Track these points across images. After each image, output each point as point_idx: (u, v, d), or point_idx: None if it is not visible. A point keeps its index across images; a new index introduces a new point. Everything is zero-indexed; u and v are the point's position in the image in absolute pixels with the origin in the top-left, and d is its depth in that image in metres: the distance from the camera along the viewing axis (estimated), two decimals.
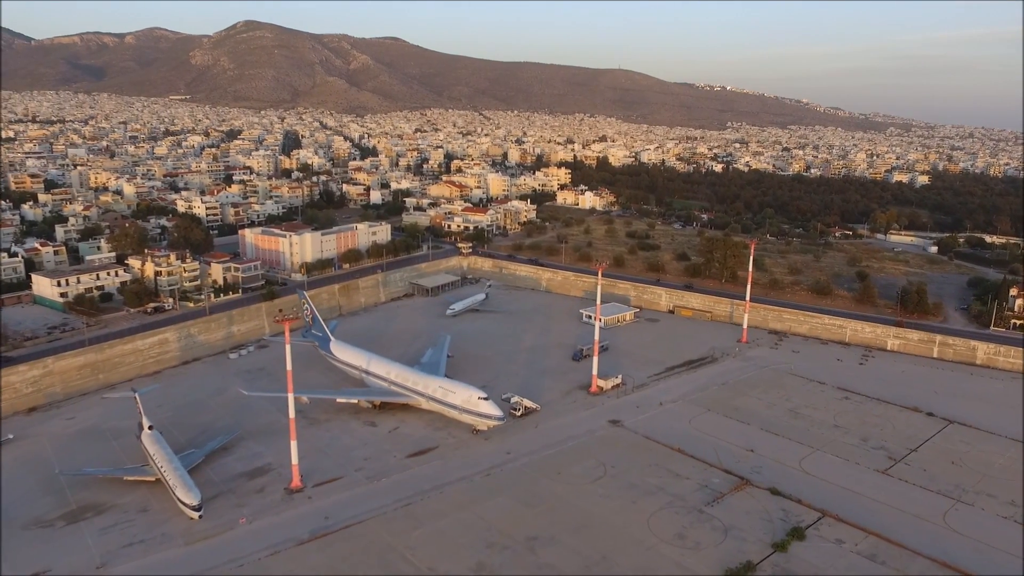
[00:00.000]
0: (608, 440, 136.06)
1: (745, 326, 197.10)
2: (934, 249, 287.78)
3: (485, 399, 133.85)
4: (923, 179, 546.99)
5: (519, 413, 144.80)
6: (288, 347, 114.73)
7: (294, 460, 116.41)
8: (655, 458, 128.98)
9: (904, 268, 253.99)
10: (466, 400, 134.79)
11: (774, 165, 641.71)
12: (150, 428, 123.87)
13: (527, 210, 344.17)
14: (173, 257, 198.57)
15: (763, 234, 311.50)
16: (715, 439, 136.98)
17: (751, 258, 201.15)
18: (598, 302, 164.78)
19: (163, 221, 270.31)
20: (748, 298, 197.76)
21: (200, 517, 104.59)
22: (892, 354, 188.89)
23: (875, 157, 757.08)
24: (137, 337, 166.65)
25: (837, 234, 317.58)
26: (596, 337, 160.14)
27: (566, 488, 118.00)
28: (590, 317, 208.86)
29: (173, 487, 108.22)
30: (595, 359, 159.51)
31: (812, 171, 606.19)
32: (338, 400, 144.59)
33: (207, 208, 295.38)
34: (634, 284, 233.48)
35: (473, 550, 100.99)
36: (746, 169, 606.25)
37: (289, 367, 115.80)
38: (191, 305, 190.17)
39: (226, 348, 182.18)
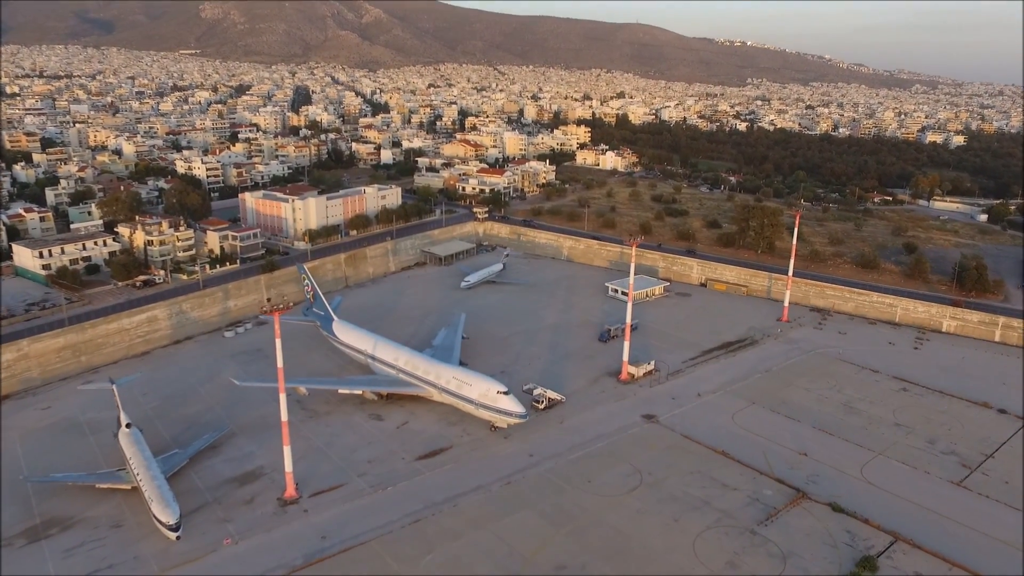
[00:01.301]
0: (642, 440, 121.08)
1: (786, 304, 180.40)
2: (983, 217, 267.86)
3: (505, 393, 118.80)
4: (958, 140, 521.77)
5: (542, 406, 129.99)
6: (278, 342, 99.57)
7: (288, 468, 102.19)
8: (697, 463, 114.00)
9: (954, 239, 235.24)
10: (484, 394, 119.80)
11: (800, 124, 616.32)
12: (128, 426, 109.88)
13: (546, 171, 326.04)
14: (165, 225, 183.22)
15: (797, 199, 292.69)
16: (762, 439, 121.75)
17: (796, 230, 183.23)
18: (631, 282, 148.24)
19: (161, 183, 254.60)
20: (791, 273, 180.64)
21: (178, 538, 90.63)
22: (948, 337, 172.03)
23: (903, 116, 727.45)
24: (123, 315, 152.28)
25: (876, 200, 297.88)
26: (628, 320, 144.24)
27: (598, 501, 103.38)
28: (616, 291, 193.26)
29: (149, 500, 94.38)
30: (626, 344, 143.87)
31: (840, 131, 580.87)
32: (340, 391, 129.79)
33: (208, 169, 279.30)
34: (663, 255, 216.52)
35: None
36: (771, 128, 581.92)
37: (280, 364, 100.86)
38: (184, 278, 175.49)
39: (221, 326, 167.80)
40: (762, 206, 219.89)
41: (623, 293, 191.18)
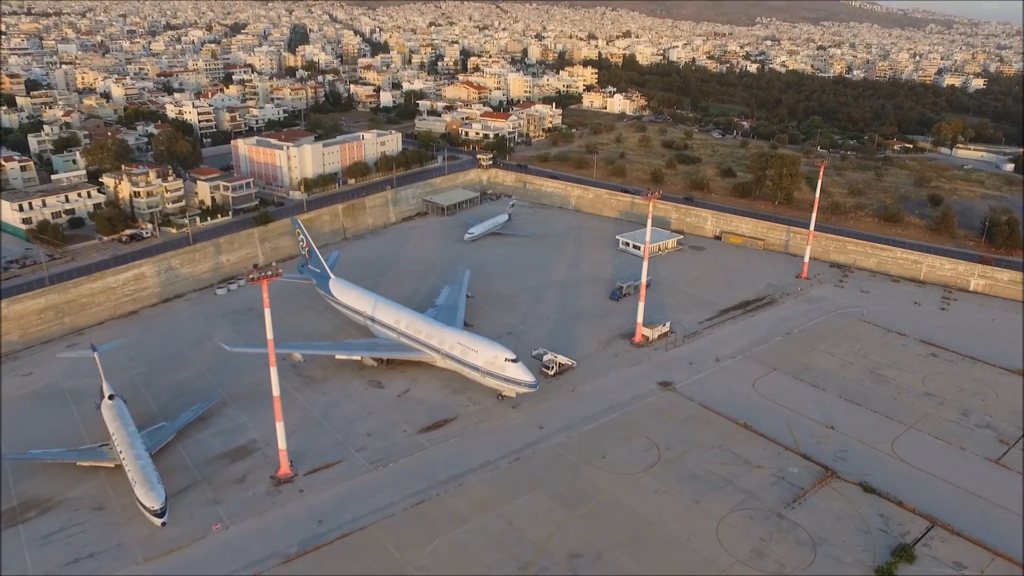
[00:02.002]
0: (659, 410, 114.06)
1: (807, 260, 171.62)
2: (1010, 167, 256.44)
3: (514, 361, 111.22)
4: (977, 83, 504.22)
5: (552, 372, 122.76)
6: (268, 312, 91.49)
7: (281, 445, 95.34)
8: (717, 436, 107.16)
9: (980, 190, 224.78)
10: (491, 361, 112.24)
11: (812, 66, 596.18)
12: (111, 397, 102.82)
13: (552, 115, 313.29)
14: (153, 175, 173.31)
15: (813, 146, 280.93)
16: (786, 410, 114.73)
17: (819, 182, 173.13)
18: (647, 240, 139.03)
19: (151, 129, 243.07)
20: (812, 227, 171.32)
21: (163, 524, 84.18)
22: (976, 296, 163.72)
23: (919, 58, 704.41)
24: (108, 273, 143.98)
25: (896, 148, 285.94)
26: (644, 280, 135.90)
27: (613, 480, 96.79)
28: (628, 245, 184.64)
29: (132, 482, 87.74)
30: (641, 304, 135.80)
31: (854, 73, 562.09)
32: (337, 356, 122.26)
33: (199, 114, 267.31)
34: (675, 205, 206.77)
35: (502, 571, 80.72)
36: (783, 70, 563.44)
37: (270, 335, 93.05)
38: (173, 231, 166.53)
39: (213, 282, 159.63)
40: (781, 155, 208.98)
41: (635, 247, 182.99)
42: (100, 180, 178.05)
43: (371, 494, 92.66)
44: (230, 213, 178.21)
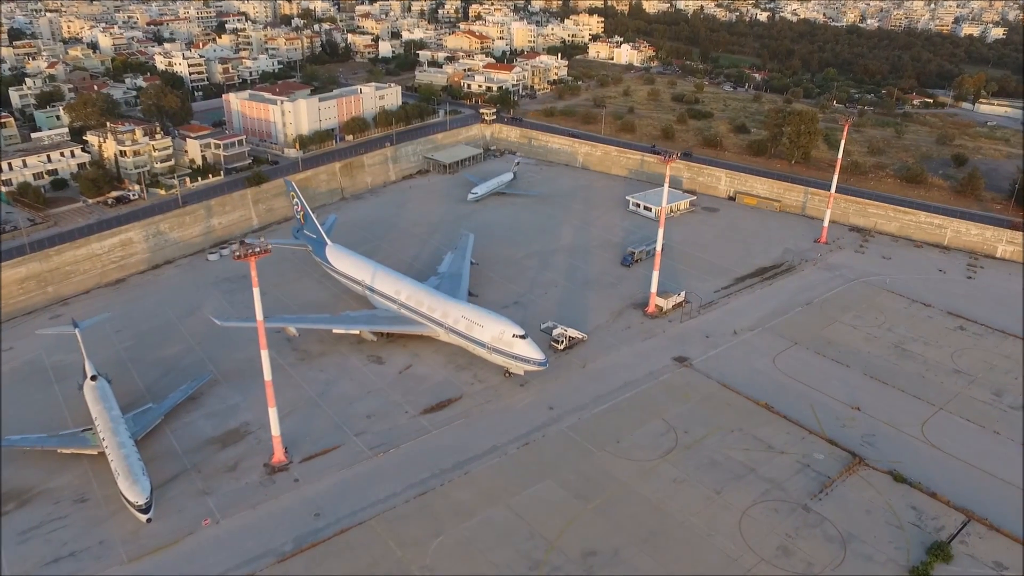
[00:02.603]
0: (675, 388, 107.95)
1: (826, 224, 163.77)
2: None
3: (522, 337, 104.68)
4: (996, 32, 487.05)
5: (562, 346, 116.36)
6: (256, 291, 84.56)
7: (275, 431, 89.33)
8: (737, 418, 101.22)
9: (1005, 148, 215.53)
10: (498, 337, 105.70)
11: (824, 14, 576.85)
12: (94, 378, 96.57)
13: (557, 66, 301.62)
14: (139, 132, 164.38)
15: (829, 100, 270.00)
16: (809, 389, 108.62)
17: (843, 143, 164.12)
18: (663, 205, 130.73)
19: (140, 81, 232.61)
20: (834, 189, 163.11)
21: (149, 520, 78.60)
22: (1004, 264, 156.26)
23: (935, 5, 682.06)
24: (93, 238, 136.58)
25: (915, 102, 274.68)
26: (659, 248, 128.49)
27: (628, 467, 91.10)
28: (639, 206, 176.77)
29: (115, 473, 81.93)
30: (655, 273, 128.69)
31: (868, 22, 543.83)
32: (334, 331, 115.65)
33: (190, 65, 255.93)
34: (688, 164, 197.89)
35: (512, 571, 75.39)
36: (795, 19, 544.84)
37: (260, 316, 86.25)
38: (162, 193, 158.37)
39: (205, 247, 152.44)
40: (799, 111, 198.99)
41: (646, 208, 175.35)
42: (84, 138, 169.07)
43: (371, 484, 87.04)
44: (222, 173, 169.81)
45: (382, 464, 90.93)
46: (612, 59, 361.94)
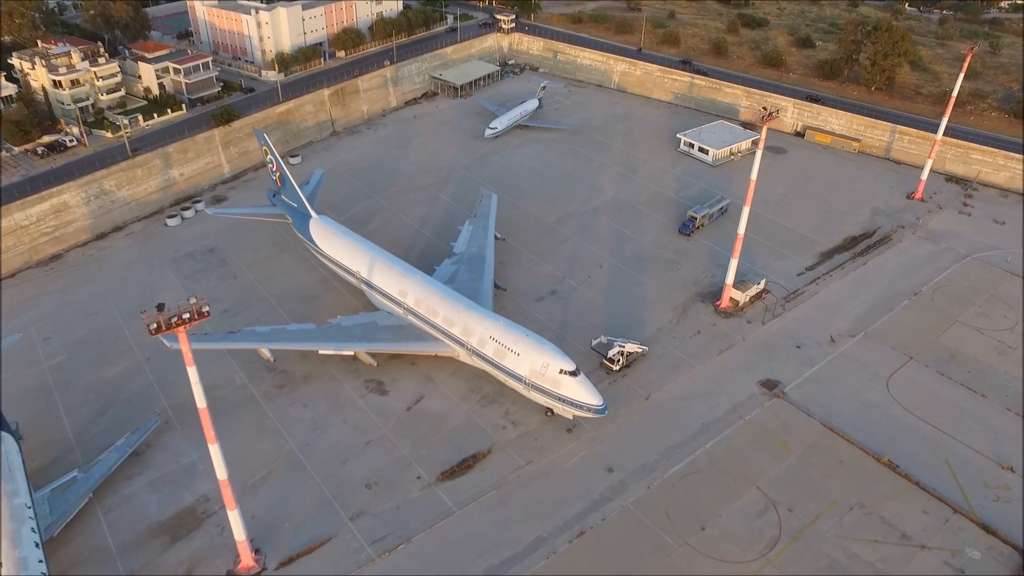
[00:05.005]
0: (768, 433, 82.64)
1: (924, 176, 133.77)
2: None
3: (572, 374, 78.31)
4: None
5: (617, 367, 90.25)
6: (192, 370, 57.04)
7: (239, 537, 64.32)
8: (855, 484, 76.54)
9: None
10: (539, 372, 79.24)
11: None
12: None
13: None
14: (77, 56, 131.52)
15: (900, 3, 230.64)
16: (940, 433, 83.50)
17: (961, 76, 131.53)
18: (753, 176, 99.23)
19: None
20: (942, 133, 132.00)
21: None
22: None
23: None
24: (16, 206, 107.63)
25: (1004, 3, 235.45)
26: (742, 230, 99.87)
27: (721, 573, 67.00)
28: (692, 146, 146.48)
29: None
30: (733, 262, 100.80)
31: None
32: (321, 352, 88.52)
33: None
34: (746, 89, 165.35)
35: None
36: None
37: (202, 403, 58.92)
38: (108, 136, 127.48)
39: (163, 206, 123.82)
40: (889, 26, 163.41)
41: (701, 149, 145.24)
42: (9, 62, 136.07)
43: None
44: (184, 106, 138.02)
45: (388, 569, 66.70)
46: None
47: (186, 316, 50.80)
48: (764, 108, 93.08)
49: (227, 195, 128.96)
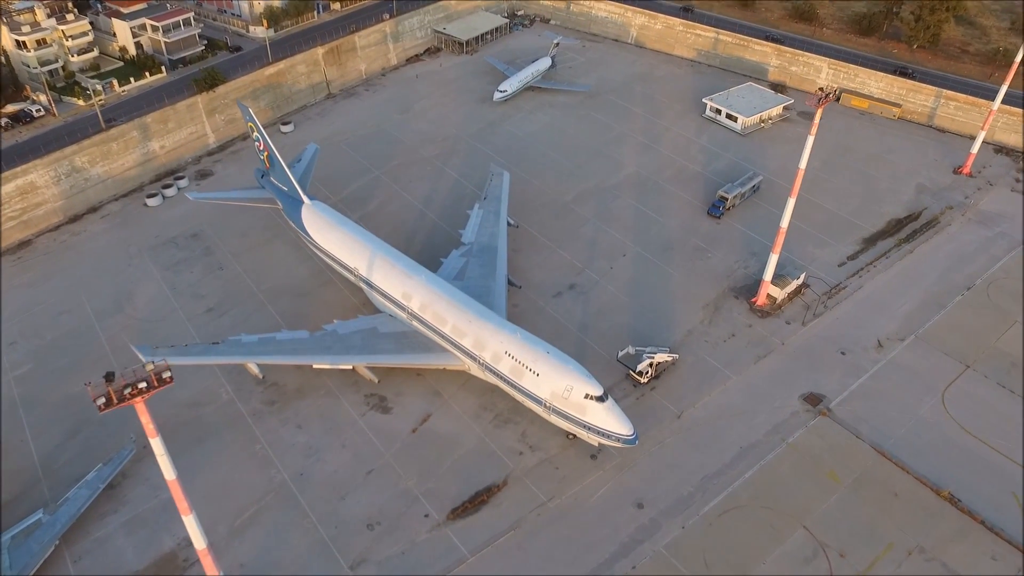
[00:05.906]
0: (813, 460, 74.29)
1: (975, 150, 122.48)
2: None
3: (599, 399, 69.38)
4: None
5: (645, 380, 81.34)
6: (156, 441, 48.27)
7: None
8: (912, 522, 68.60)
9: None
10: (562, 395, 70.37)
11: None
12: None
13: None
14: (42, 12, 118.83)
15: None
16: (1005, 459, 74.97)
17: None
18: (801, 167, 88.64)
19: None
20: (998, 102, 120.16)
21: None
22: None
23: None
24: None
25: None
26: (785, 223, 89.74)
27: None
28: (719, 112, 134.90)
29: None
30: (773, 257, 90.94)
31: None
32: (315, 366, 79.21)
33: None
34: (776, 47, 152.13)
35: None
36: None
37: (171, 475, 50.32)
38: (80, 103, 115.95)
39: (143, 183, 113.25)
40: None
41: (729, 116, 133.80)
42: None
43: None
44: (163, 68, 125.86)
45: None
46: None
47: (142, 386, 41.38)
48: (821, 89, 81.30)
49: (213, 169, 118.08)
